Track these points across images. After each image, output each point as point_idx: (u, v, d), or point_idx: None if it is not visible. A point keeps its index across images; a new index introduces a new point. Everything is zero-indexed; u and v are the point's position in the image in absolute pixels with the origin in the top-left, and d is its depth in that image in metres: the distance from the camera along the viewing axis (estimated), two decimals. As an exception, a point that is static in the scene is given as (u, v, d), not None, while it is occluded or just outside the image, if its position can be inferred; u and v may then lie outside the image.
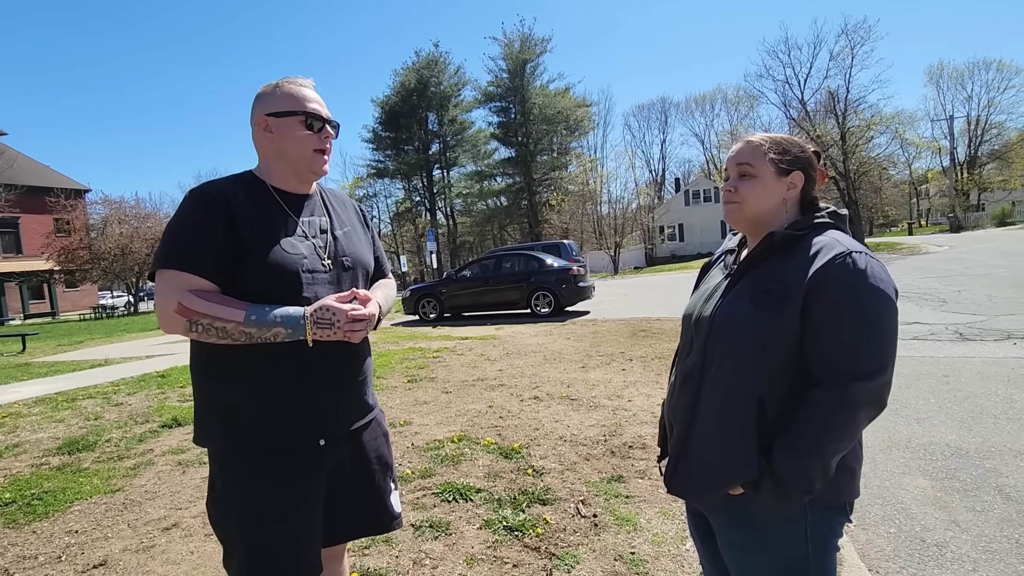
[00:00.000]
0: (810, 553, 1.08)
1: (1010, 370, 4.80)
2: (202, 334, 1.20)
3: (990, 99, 44.31)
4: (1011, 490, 2.74)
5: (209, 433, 1.31)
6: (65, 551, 2.59)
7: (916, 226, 45.69)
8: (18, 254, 31.65)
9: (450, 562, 2.29)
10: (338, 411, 1.37)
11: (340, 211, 1.51)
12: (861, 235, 27.79)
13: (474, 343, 8.50)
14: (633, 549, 2.32)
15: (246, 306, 1.21)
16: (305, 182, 1.42)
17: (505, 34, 40.06)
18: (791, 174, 1.16)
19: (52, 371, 8.28)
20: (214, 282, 1.24)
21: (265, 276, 1.27)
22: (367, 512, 1.46)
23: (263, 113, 1.34)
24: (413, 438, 3.92)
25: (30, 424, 4.94)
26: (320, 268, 1.35)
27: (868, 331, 1.00)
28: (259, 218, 1.30)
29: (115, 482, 3.40)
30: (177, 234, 1.25)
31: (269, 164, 1.37)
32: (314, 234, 1.39)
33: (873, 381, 0.98)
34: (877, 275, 1.01)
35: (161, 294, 1.21)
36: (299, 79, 1.38)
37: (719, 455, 1.10)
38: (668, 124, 55.64)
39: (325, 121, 1.37)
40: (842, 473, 1.06)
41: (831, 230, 1.11)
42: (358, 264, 1.46)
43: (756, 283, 1.10)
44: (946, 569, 2.18)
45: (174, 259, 1.22)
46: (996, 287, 9.73)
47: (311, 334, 1.23)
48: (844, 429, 1.00)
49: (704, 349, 1.14)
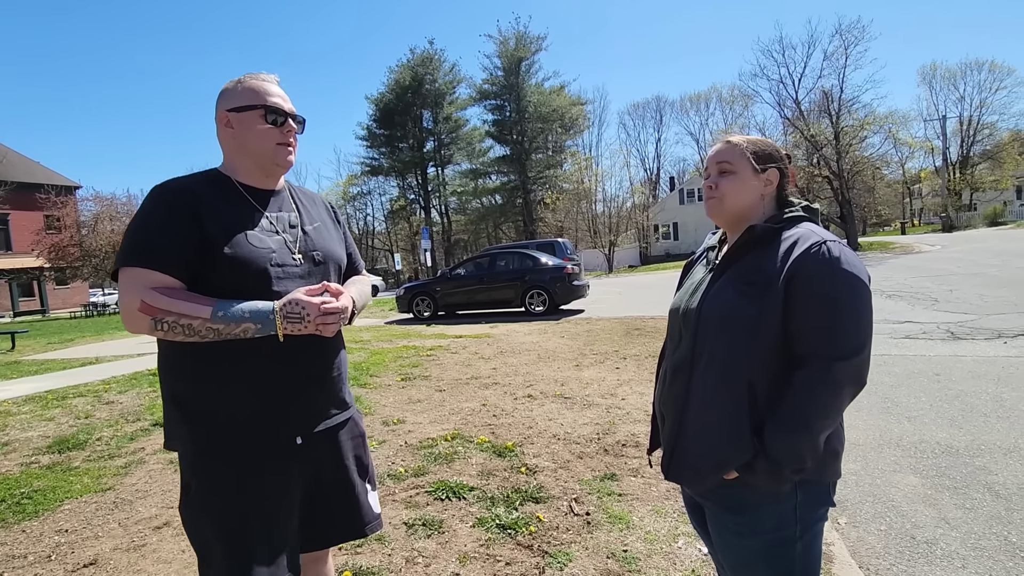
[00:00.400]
0: (798, 534, 1.13)
1: (1000, 369, 4.84)
2: (168, 332, 1.17)
3: (982, 99, 44.67)
4: (1000, 487, 2.76)
5: (181, 435, 1.28)
6: (55, 550, 2.57)
7: (909, 225, 46.06)
8: (7, 251, 31.38)
9: (443, 560, 2.29)
10: (313, 408, 1.35)
11: (309, 207, 1.49)
12: (855, 234, 27.86)
13: (468, 341, 8.50)
14: (625, 547, 2.32)
15: (213, 302, 1.19)
16: (271, 176, 1.40)
17: (500, 32, 40.02)
18: (767, 171, 1.23)
19: (42, 369, 8.21)
20: (179, 279, 1.21)
21: (232, 271, 1.24)
22: (347, 515, 1.44)
23: (224, 109, 1.33)
24: (406, 436, 3.91)
25: (20, 422, 4.89)
26: (290, 262, 1.33)
27: (845, 313, 1.06)
28: (225, 212, 1.28)
29: (106, 481, 3.38)
30: (140, 231, 1.23)
31: (233, 160, 1.36)
32: (283, 229, 1.37)
33: (853, 359, 1.05)
34: (850, 261, 1.08)
35: (124, 292, 1.19)
36: (262, 74, 1.36)
37: (713, 441, 1.14)
38: (663, 123, 55.72)
39: (287, 115, 1.35)
40: (828, 454, 1.13)
41: (805, 223, 1.19)
42: (329, 259, 1.44)
43: (739, 274, 1.16)
44: (935, 566, 2.19)
45: (136, 256, 1.20)
46: (987, 286, 9.81)
47: (281, 328, 1.21)
48: (829, 406, 1.06)
49: (693, 340, 1.19)
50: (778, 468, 1.06)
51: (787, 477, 1.07)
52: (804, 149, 28.56)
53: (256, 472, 1.26)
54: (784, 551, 1.13)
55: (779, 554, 1.14)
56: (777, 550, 1.14)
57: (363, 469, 1.50)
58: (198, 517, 1.27)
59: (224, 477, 1.25)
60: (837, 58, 27.47)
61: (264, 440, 1.28)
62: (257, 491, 1.26)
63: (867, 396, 4.39)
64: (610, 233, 34.67)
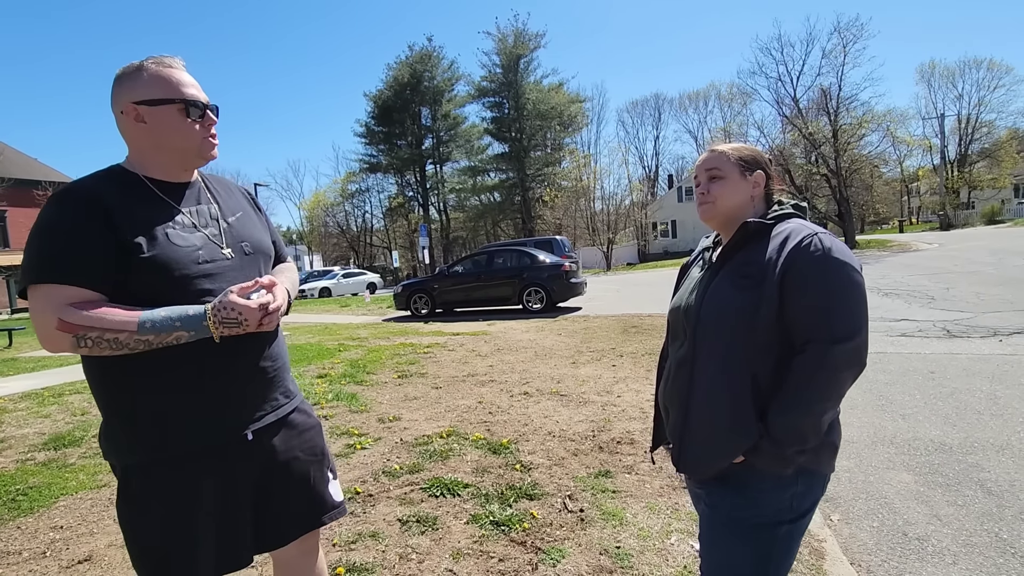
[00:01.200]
0: (787, 520, 1.18)
1: (995, 367, 4.86)
2: (93, 348, 1.09)
3: (980, 98, 44.66)
4: (992, 485, 2.78)
5: (121, 445, 1.20)
6: (50, 547, 2.58)
7: (907, 224, 46.08)
8: (5, 247, 31.27)
9: (436, 556, 2.30)
10: (258, 402, 1.30)
11: (226, 196, 1.41)
12: (852, 232, 27.93)
13: (465, 339, 8.50)
14: (619, 543, 2.33)
15: (137, 312, 1.10)
16: (190, 170, 1.33)
17: (499, 29, 39.98)
18: (754, 173, 1.30)
19: (39, 366, 8.21)
20: (97, 290, 1.12)
21: (155, 274, 1.16)
22: (303, 506, 1.39)
23: (131, 101, 1.20)
24: (402, 433, 3.92)
25: (15, 419, 4.89)
26: (220, 257, 1.26)
27: (839, 299, 1.11)
28: (139, 213, 1.18)
29: (101, 478, 3.38)
30: (45, 243, 1.12)
31: (144, 155, 1.25)
32: (204, 223, 1.28)
33: (850, 343, 1.09)
34: (841, 251, 1.14)
35: (37, 312, 1.09)
36: (166, 58, 1.25)
37: (720, 429, 1.19)
38: (662, 120, 55.65)
39: (205, 106, 1.26)
40: (826, 448, 1.19)
41: (795, 219, 1.24)
42: (259, 250, 1.38)
43: (735, 270, 1.22)
44: (927, 562, 2.20)
45: (46, 271, 1.10)
46: (984, 284, 9.84)
47: (217, 332, 1.15)
48: (828, 388, 1.11)
49: (694, 336, 1.24)
50: (781, 449, 1.11)
51: (791, 458, 1.12)
52: (802, 147, 28.63)
53: (202, 473, 1.21)
54: (769, 534, 1.19)
55: (764, 536, 1.19)
56: (764, 532, 1.19)
57: (318, 457, 1.45)
58: (139, 521, 1.20)
59: (169, 481, 1.19)
60: (835, 56, 27.53)
61: (210, 440, 1.23)
62: (204, 492, 1.21)
63: (861, 394, 4.41)
64: (608, 231, 34.66)
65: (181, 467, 1.20)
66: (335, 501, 1.47)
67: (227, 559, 1.26)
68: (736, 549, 1.21)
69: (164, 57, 1.24)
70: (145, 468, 1.20)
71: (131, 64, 1.23)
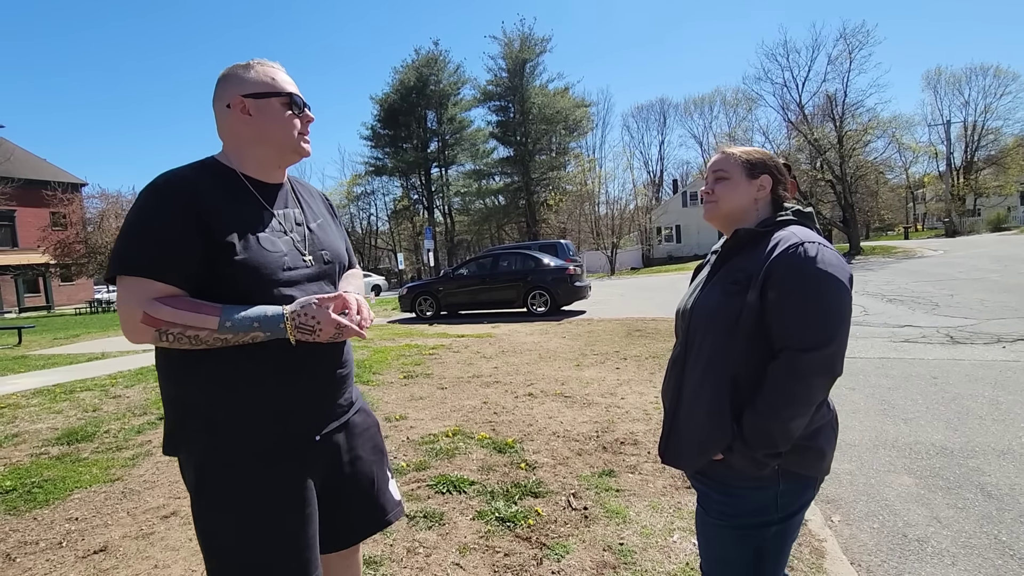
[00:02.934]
0: (775, 520, 1.20)
1: (997, 373, 4.88)
2: (174, 343, 1.11)
3: (987, 104, 44.46)
4: (992, 488, 2.81)
5: (191, 440, 1.20)
6: (66, 537, 2.64)
7: (912, 230, 45.88)
8: (14, 247, 31.55)
9: (443, 551, 2.35)
10: (328, 405, 1.32)
11: (310, 201, 1.44)
12: (857, 238, 27.87)
13: (470, 341, 8.55)
14: (622, 540, 2.37)
15: (219, 310, 1.12)
16: (283, 167, 1.36)
17: (505, 33, 40.15)
18: (760, 177, 1.32)
19: (49, 363, 8.30)
20: (183, 287, 1.14)
21: (243, 276, 1.17)
22: (370, 507, 1.41)
23: (239, 94, 1.25)
24: (408, 432, 3.97)
25: (29, 415, 4.97)
26: (301, 264, 1.28)
27: (814, 309, 1.12)
28: (233, 212, 1.20)
29: (114, 471, 3.45)
30: (139, 234, 1.14)
31: (244, 149, 1.28)
32: (290, 228, 1.30)
33: (820, 352, 1.10)
34: (827, 261, 1.14)
35: (124, 303, 1.11)
36: (268, 61, 1.31)
37: (701, 426, 1.23)
38: (667, 125, 55.65)
39: (304, 103, 1.32)
40: (811, 451, 1.20)
41: (793, 226, 1.25)
42: (336, 258, 1.40)
43: (727, 275, 1.26)
44: (926, 563, 2.24)
45: (136, 265, 1.12)
46: (988, 291, 9.83)
47: (293, 335, 1.17)
48: (798, 395, 1.12)
49: (687, 337, 1.29)
50: (752, 451, 1.14)
51: (761, 461, 1.15)
52: (807, 153, 28.58)
53: (274, 472, 1.22)
54: (758, 534, 1.21)
55: (753, 536, 1.21)
56: (752, 532, 1.21)
57: (381, 456, 1.48)
58: (216, 519, 1.20)
59: (241, 479, 1.20)
60: (841, 62, 27.52)
61: (282, 440, 1.24)
62: (280, 490, 1.22)
63: (864, 398, 4.43)
64: (613, 235, 34.67)
65: (258, 465, 1.21)
66: (396, 500, 1.49)
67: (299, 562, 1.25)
68: (729, 547, 1.24)
69: (267, 61, 1.31)
70: (222, 466, 1.19)
71: (238, 64, 1.29)
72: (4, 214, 30.63)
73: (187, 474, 1.24)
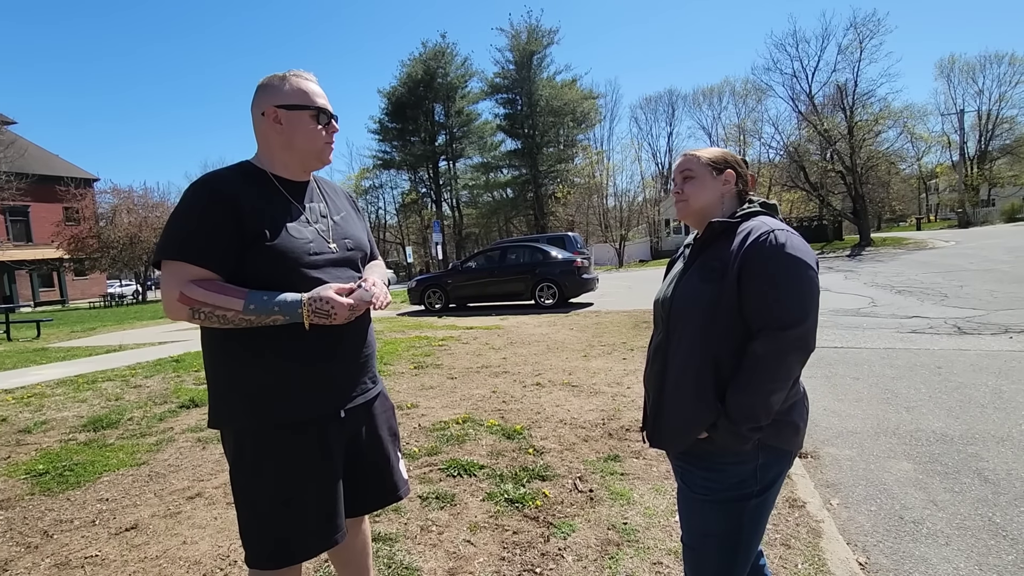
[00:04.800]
0: (755, 493, 1.29)
1: (1002, 363, 4.92)
2: (204, 321, 1.27)
3: (1002, 93, 43.66)
4: (990, 473, 2.88)
5: (235, 412, 1.35)
6: (98, 516, 2.79)
7: (925, 221, 45.38)
8: (28, 242, 32.03)
9: (455, 529, 2.46)
10: (353, 383, 1.45)
11: (334, 197, 1.59)
12: (867, 229, 27.61)
13: (479, 332, 8.67)
14: (626, 520, 2.48)
15: (245, 294, 1.27)
16: (308, 171, 1.50)
17: (512, 25, 39.91)
18: (724, 172, 1.41)
19: (69, 355, 8.52)
20: (218, 271, 1.29)
21: (273, 262, 1.32)
22: (382, 481, 1.56)
23: (273, 104, 1.38)
24: (420, 419, 4.10)
25: (54, 403, 5.15)
26: (327, 251, 1.42)
27: (787, 290, 1.22)
28: (264, 207, 1.35)
29: (140, 456, 3.60)
30: (181, 225, 1.30)
31: (273, 153, 1.42)
32: (316, 219, 1.45)
33: (796, 329, 1.19)
34: (795, 246, 1.23)
35: (166, 284, 1.28)
36: (303, 73, 1.43)
37: (686, 408, 1.31)
38: (675, 117, 54.90)
39: (331, 116, 1.44)
40: (788, 426, 1.30)
41: (761, 216, 1.35)
42: (358, 247, 1.54)
43: (703, 264, 1.34)
44: (920, 543, 2.32)
45: (176, 250, 1.28)
46: (998, 282, 9.79)
47: (308, 319, 1.29)
48: (777, 371, 1.21)
49: (667, 325, 1.38)
50: (736, 427, 1.23)
51: (745, 435, 1.23)
52: (817, 144, 28.36)
53: (308, 441, 1.37)
54: (740, 506, 1.30)
55: (734, 509, 1.30)
56: (734, 504, 1.30)
57: (394, 438, 1.63)
58: (253, 482, 1.36)
59: (281, 444, 1.35)
60: (851, 52, 27.23)
61: (316, 413, 1.38)
62: (310, 458, 1.37)
63: (868, 387, 4.50)
64: (621, 227, 34.64)
65: (291, 434, 1.36)
66: (404, 479, 1.64)
67: (328, 524, 1.40)
68: (712, 520, 1.32)
69: (302, 72, 1.44)
70: (258, 433, 1.35)
71: (275, 75, 1.42)
72: (19, 209, 31.08)
73: (227, 443, 1.41)
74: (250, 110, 1.44)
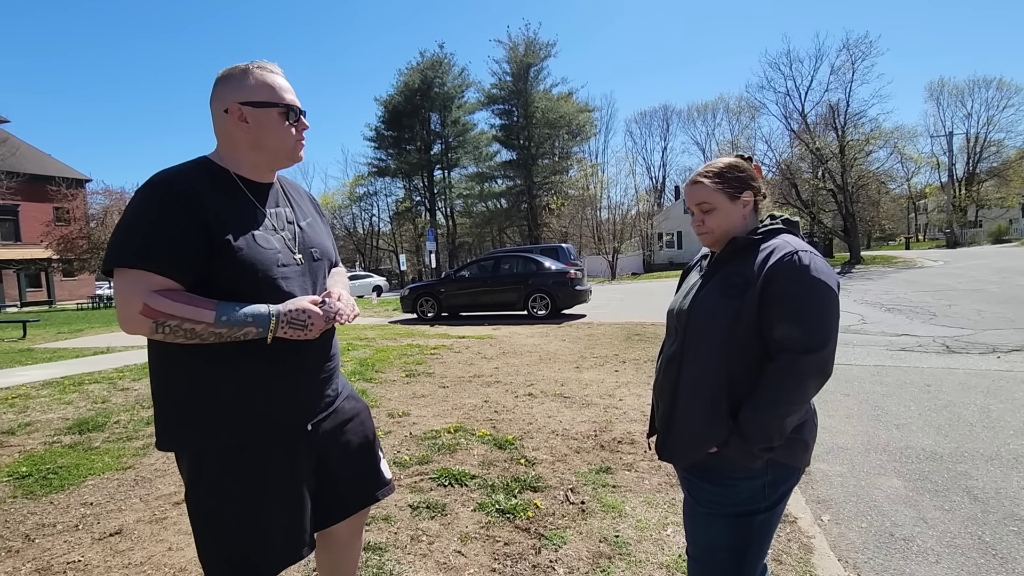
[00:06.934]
0: (762, 509, 1.29)
1: (991, 381, 4.96)
2: (169, 335, 1.14)
3: (989, 117, 44.73)
4: (979, 492, 2.89)
5: (186, 434, 1.25)
6: (82, 520, 2.73)
7: (913, 240, 45.97)
8: (17, 242, 31.66)
9: (445, 539, 2.44)
10: (318, 396, 1.38)
11: (299, 200, 1.48)
12: (857, 247, 28.00)
13: (471, 342, 8.64)
14: (617, 533, 2.46)
15: (215, 305, 1.16)
16: (275, 171, 1.40)
17: (510, 37, 40.42)
18: (743, 194, 1.38)
19: (55, 357, 8.39)
20: (180, 281, 1.17)
21: (239, 273, 1.22)
22: (364, 482, 1.51)
23: (236, 101, 1.26)
24: (411, 428, 4.06)
25: (40, 405, 5.07)
26: (292, 262, 1.32)
27: (811, 313, 1.21)
28: (229, 211, 1.24)
29: (126, 460, 3.54)
30: (139, 229, 1.16)
31: (239, 153, 1.31)
32: (282, 226, 1.35)
33: (817, 354, 1.19)
34: (819, 269, 1.22)
35: (123, 294, 1.14)
36: (267, 64, 1.32)
37: (698, 422, 1.31)
38: (670, 131, 55.39)
39: (300, 112, 1.34)
40: (798, 443, 1.29)
41: (784, 234, 1.33)
42: (324, 255, 1.45)
43: (724, 278, 1.33)
44: (911, 560, 2.32)
45: (135, 257, 1.14)
46: (986, 302, 9.92)
47: (281, 332, 1.21)
48: (794, 393, 1.21)
49: (684, 336, 1.36)
50: (749, 445, 1.22)
51: (756, 454, 1.22)
52: (809, 162, 28.69)
53: (267, 462, 1.28)
54: (747, 521, 1.29)
55: (742, 524, 1.30)
56: (742, 520, 1.29)
57: (369, 439, 1.55)
58: (213, 504, 1.25)
59: (235, 469, 1.25)
60: (844, 72, 27.70)
61: (275, 431, 1.29)
62: (273, 477, 1.28)
63: (858, 404, 4.52)
64: (614, 240, 34.75)
65: (251, 456, 1.27)
66: (386, 478, 1.58)
67: (294, 539, 1.33)
68: (718, 535, 1.32)
69: (266, 63, 1.32)
70: (220, 453, 1.25)
71: (236, 66, 1.30)
72: (8, 208, 30.75)
73: (182, 465, 1.30)
74: (209, 105, 1.31)
